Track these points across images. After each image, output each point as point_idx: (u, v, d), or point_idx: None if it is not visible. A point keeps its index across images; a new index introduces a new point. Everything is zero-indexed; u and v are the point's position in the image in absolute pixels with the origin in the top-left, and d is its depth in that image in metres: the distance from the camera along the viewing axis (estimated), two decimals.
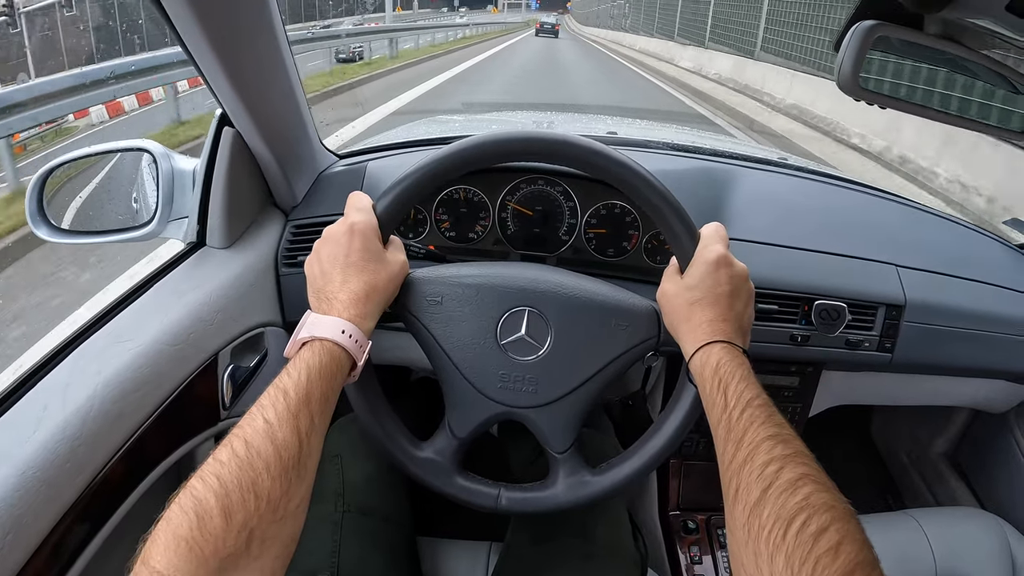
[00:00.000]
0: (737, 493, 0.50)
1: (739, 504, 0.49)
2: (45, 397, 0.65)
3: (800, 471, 0.48)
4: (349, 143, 1.79)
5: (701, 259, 0.67)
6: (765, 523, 0.46)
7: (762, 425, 0.54)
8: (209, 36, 0.67)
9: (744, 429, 0.54)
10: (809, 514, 0.45)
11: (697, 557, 1.06)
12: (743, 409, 0.56)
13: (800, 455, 0.50)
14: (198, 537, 0.44)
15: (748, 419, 0.55)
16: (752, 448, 0.52)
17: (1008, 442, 1.19)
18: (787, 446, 0.51)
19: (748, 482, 0.50)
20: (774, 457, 0.50)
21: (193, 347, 0.79)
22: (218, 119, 0.85)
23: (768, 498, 0.47)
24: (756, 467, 0.50)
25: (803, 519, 0.44)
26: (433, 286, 0.73)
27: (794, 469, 0.49)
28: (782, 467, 0.49)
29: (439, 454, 0.74)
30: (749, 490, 0.49)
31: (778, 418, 0.55)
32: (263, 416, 0.52)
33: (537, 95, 10.71)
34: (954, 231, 1.12)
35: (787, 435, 0.53)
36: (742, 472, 0.51)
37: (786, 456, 0.50)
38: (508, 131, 0.71)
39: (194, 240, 0.89)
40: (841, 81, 0.69)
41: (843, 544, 0.43)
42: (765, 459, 0.50)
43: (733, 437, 0.54)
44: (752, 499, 0.48)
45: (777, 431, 0.53)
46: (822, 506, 0.45)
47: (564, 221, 1.01)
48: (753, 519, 0.47)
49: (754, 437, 0.53)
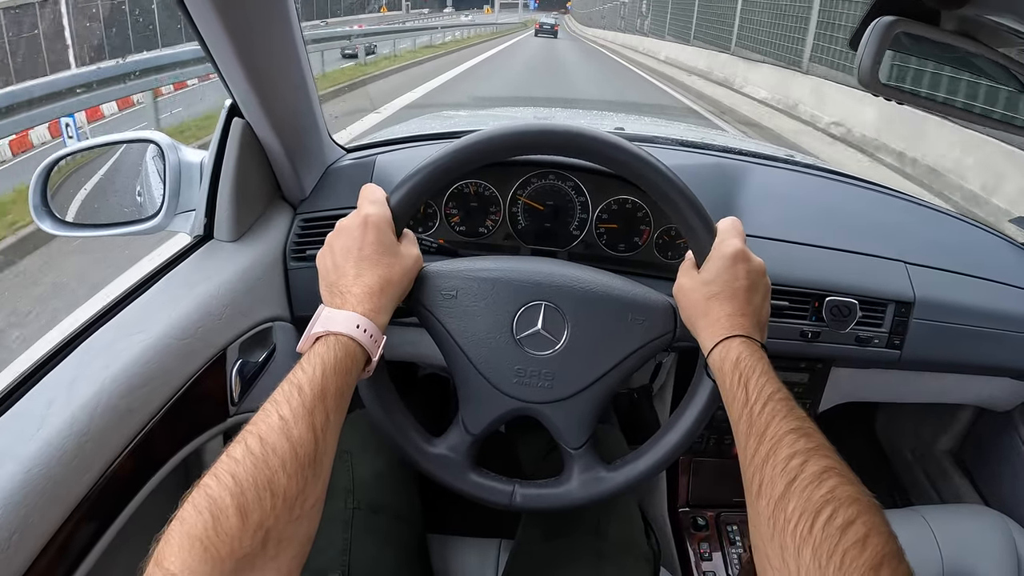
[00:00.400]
0: (761, 487, 0.50)
1: (763, 498, 0.49)
2: (51, 392, 0.64)
3: (824, 464, 0.48)
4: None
5: (719, 253, 0.67)
6: (791, 517, 0.45)
7: (784, 419, 0.53)
8: (225, 24, 0.66)
9: (766, 423, 0.53)
10: (835, 507, 0.44)
11: (707, 553, 1.06)
12: (764, 403, 0.55)
13: (823, 448, 0.50)
14: (213, 537, 0.42)
15: (770, 413, 0.54)
16: (775, 442, 0.51)
17: (1013, 440, 1.19)
18: (810, 439, 0.51)
19: (772, 476, 0.49)
20: (797, 451, 0.50)
21: (201, 341, 0.78)
22: (228, 110, 0.84)
23: (793, 492, 0.47)
24: (780, 461, 0.50)
25: (829, 512, 0.44)
26: (448, 280, 0.72)
27: (818, 462, 0.48)
28: (806, 460, 0.49)
29: (453, 450, 0.73)
30: (774, 484, 0.49)
31: (799, 411, 0.55)
32: (278, 412, 0.50)
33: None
34: (962, 229, 1.13)
35: (809, 428, 0.52)
36: (765, 466, 0.50)
37: (809, 449, 0.50)
38: (522, 124, 0.70)
39: (201, 233, 0.88)
40: (861, 77, 0.68)
41: (870, 537, 0.42)
42: (788, 452, 0.50)
43: (755, 431, 0.54)
44: (777, 493, 0.48)
45: (799, 424, 0.53)
46: (848, 499, 0.45)
47: (575, 216, 1.01)
48: (778, 513, 0.46)
49: (776, 431, 0.52)
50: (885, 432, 1.58)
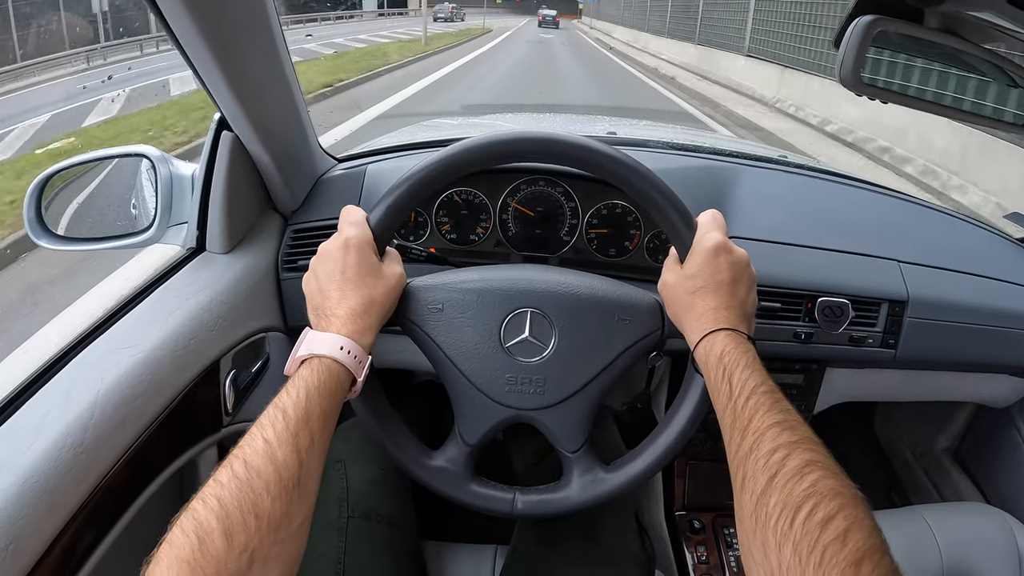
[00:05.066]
0: (744, 481, 0.50)
1: (746, 493, 0.49)
2: (46, 405, 0.65)
3: (806, 457, 0.48)
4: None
5: (700, 247, 0.67)
6: (772, 512, 0.45)
7: (768, 412, 0.53)
8: (207, 40, 0.67)
9: (750, 416, 0.54)
10: (816, 501, 0.44)
11: (704, 556, 1.05)
12: (748, 396, 0.55)
13: (807, 441, 0.50)
14: (200, 559, 0.44)
15: (754, 406, 0.54)
16: (758, 435, 0.51)
17: (1012, 436, 1.19)
18: (793, 432, 0.51)
19: (755, 470, 0.49)
20: (780, 444, 0.50)
21: (194, 353, 0.78)
22: (216, 123, 0.84)
23: (775, 486, 0.47)
24: (762, 455, 0.50)
25: (810, 507, 0.44)
26: (433, 293, 0.72)
27: (800, 455, 0.48)
28: (788, 454, 0.49)
29: (452, 463, 0.73)
30: (755, 478, 0.49)
31: (784, 404, 0.55)
32: (262, 436, 0.52)
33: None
34: (955, 226, 1.12)
35: (793, 421, 0.52)
36: (748, 460, 0.51)
37: (792, 443, 0.50)
38: (494, 134, 0.71)
39: (194, 245, 0.89)
40: (843, 77, 0.68)
41: (851, 531, 0.42)
42: (771, 446, 0.50)
43: (739, 425, 0.54)
44: (759, 487, 0.48)
45: (783, 417, 0.53)
46: (829, 492, 0.45)
47: (565, 221, 1.01)
48: (760, 508, 0.47)
49: (760, 424, 0.52)
50: (884, 431, 1.58)
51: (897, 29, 0.68)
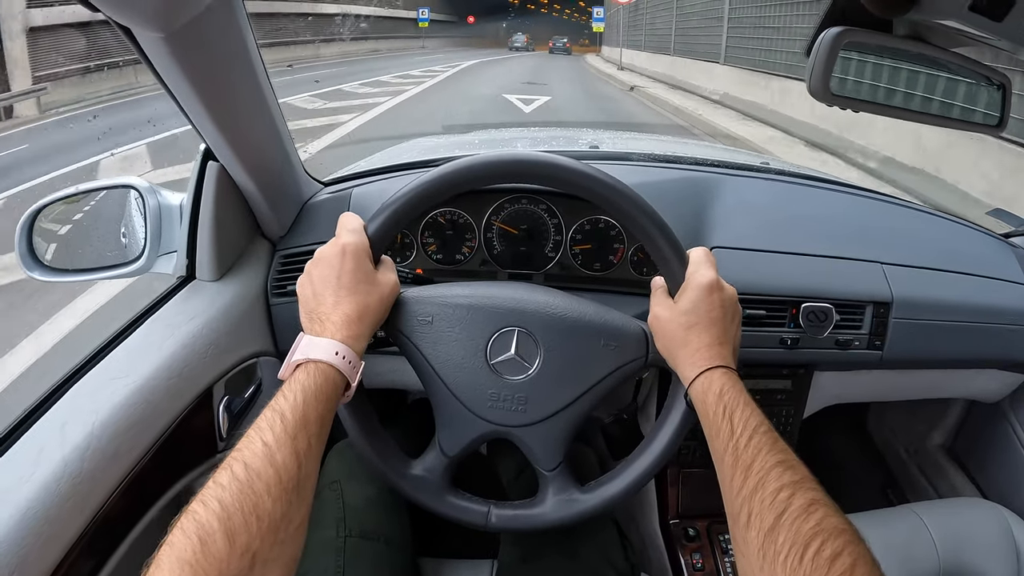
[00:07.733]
0: (750, 519, 0.52)
1: (752, 529, 0.51)
2: (44, 437, 0.66)
3: (810, 496, 0.51)
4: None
5: (694, 283, 0.68)
6: (781, 548, 0.48)
7: (769, 452, 0.55)
8: (187, 73, 0.68)
9: (752, 457, 0.56)
10: (824, 539, 0.47)
11: (699, 564, 1.05)
12: (750, 436, 0.57)
13: (808, 480, 0.53)
14: (202, 560, 0.44)
15: (756, 447, 0.56)
16: (762, 475, 0.54)
17: (1005, 430, 1.19)
18: (795, 472, 0.53)
19: (761, 509, 0.51)
20: (784, 483, 0.52)
21: (187, 381, 0.79)
22: (202, 154, 0.86)
23: (783, 524, 0.49)
24: (768, 494, 0.52)
25: (818, 544, 0.46)
26: (424, 306, 0.73)
27: (805, 495, 0.51)
28: (793, 493, 0.51)
29: (429, 472, 0.74)
30: (763, 516, 0.51)
31: (782, 444, 0.57)
32: (261, 439, 0.52)
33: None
34: (938, 225, 1.14)
35: (793, 461, 0.55)
36: (754, 499, 0.52)
37: (795, 482, 0.52)
38: (500, 153, 0.72)
39: (184, 274, 0.90)
40: (812, 88, 0.69)
41: (857, 566, 0.45)
42: (776, 486, 0.52)
43: (741, 464, 0.56)
44: (767, 525, 0.50)
45: (784, 457, 0.55)
46: (834, 530, 0.47)
47: (550, 238, 1.02)
48: (768, 544, 0.49)
49: (763, 464, 0.54)
50: (877, 430, 1.58)
51: (866, 40, 0.70)
